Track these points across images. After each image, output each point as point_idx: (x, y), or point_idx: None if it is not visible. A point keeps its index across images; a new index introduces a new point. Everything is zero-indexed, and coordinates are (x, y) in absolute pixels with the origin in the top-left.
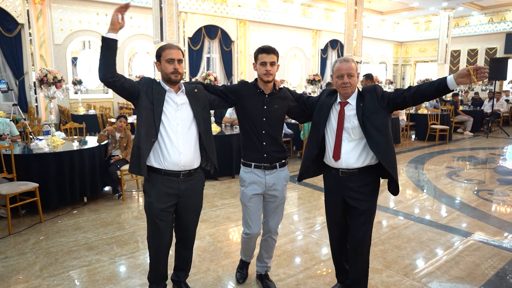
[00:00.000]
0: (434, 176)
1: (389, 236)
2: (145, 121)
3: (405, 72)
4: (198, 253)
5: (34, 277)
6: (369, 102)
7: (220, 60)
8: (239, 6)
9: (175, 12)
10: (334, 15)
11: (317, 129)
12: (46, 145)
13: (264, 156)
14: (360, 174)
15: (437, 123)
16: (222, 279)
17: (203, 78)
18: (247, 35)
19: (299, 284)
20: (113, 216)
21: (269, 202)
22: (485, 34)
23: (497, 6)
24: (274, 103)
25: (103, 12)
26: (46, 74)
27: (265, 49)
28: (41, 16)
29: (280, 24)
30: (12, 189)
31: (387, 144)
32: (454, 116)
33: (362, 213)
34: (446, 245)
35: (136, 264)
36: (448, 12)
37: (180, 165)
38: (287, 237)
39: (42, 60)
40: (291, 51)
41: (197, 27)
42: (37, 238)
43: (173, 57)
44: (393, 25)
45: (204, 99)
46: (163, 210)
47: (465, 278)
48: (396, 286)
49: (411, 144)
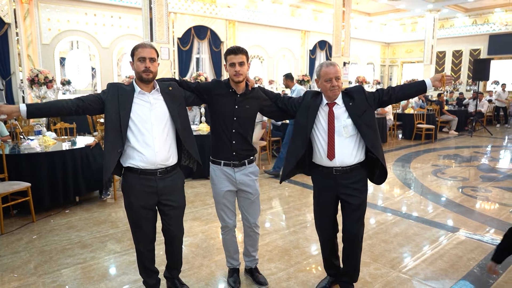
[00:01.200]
0: (420, 174)
1: (376, 231)
2: (111, 129)
3: (392, 72)
4: (192, 249)
5: (29, 274)
6: (359, 101)
7: (210, 61)
8: (228, 7)
9: (164, 12)
10: (323, 16)
11: (304, 130)
12: (37, 145)
13: (233, 154)
14: (352, 171)
15: (423, 123)
16: (215, 274)
17: (193, 78)
18: (236, 36)
19: (290, 278)
20: (105, 215)
21: (244, 199)
22: (469, 36)
23: (480, 9)
24: (246, 103)
25: (92, 12)
26: (37, 74)
27: (233, 50)
28: (28, 15)
29: (269, 25)
30: (4, 188)
31: (377, 138)
32: (440, 116)
33: (357, 208)
34: (431, 239)
35: (130, 261)
36: (433, 14)
37: (156, 163)
38: (278, 233)
39: (30, 60)
40: (280, 51)
41: (186, 28)
42: (30, 237)
43: (145, 56)
44: (381, 26)
45: (179, 96)
46: (143, 208)
47: (448, 270)
48: (383, 278)
49: (398, 143)
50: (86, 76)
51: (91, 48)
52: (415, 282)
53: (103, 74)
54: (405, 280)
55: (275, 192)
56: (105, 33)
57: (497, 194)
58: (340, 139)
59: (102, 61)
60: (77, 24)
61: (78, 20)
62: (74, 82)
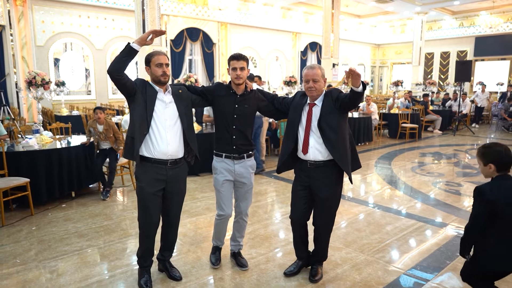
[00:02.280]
0: (400, 170)
1: (352, 221)
2: (139, 116)
3: (382, 73)
4: (180, 237)
5: (30, 260)
6: (327, 104)
7: (202, 62)
8: (220, 10)
9: (157, 15)
10: (313, 18)
11: (293, 127)
12: (36, 143)
13: (233, 148)
14: (325, 166)
15: (408, 122)
16: (201, 258)
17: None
18: (228, 38)
19: (268, 261)
20: (100, 208)
21: (239, 188)
22: (456, 38)
23: (466, 11)
24: (245, 103)
25: (85, 14)
26: (34, 76)
27: (236, 57)
28: (22, 17)
29: (261, 27)
30: (5, 183)
31: (339, 141)
32: (425, 116)
33: (325, 201)
34: (401, 228)
35: (124, 248)
36: (421, 16)
37: (168, 154)
38: (261, 223)
39: (24, 61)
40: (272, 53)
41: (179, 30)
42: (29, 229)
43: (162, 62)
44: (371, 28)
45: (187, 99)
46: (153, 194)
47: (410, 252)
48: (352, 261)
49: (383, 142)
50: (80, 77)
51: (85, 50)
52: (380, 263)
53: (96, 75)
54: (371, 261)
55: (261, 187)
56: (99, 35)
57: (467, 188)
58: (313, 137)
59: (95, 63)
60: (71, 26)
61: (71, 22)
62: (68, 83)
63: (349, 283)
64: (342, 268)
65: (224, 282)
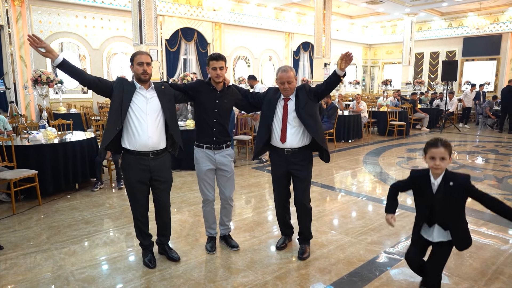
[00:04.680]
0: (385, 165)
1: (338, 209)
2: (113, 112)
3: (374, 73)
4: (179, 223)
5: (43, 243)
6: (302, 97)
7: (197, 61)
8: (214, 10)
9: (153, 15)
10: (306, 18)
11: (267, 119)
12: (42, 137)
13: (213, 139)
14: (299, 152)
15: (396, 120)
16: (199, 240)
17: (181, 78)
18: (222, 38)
19: (261, 243)
20: (103, 199)
21: (221, 176)
22: (445, 38)
23: (455, 13)
24: (224, 98)
25: (82, 14)
26: (40, 74)
27: (215, 57)
28: (20, 17)
29: (254, 27)
30: (15, 174)
31: (317, 125)
32: (413, 114)
33: (303, 180)
34: (383, 215)
35: (128, 233)
36: (411, 17)
37: (149, 146)
38: (255, 211)
39: (22, 61)
40: (265, 52)
41: (174, 30)
42: (39, 216)
43: (143, 61)
44: (362, 29)
45: (169, 94)
46: (138, 181)
47: (391, 236)
48: (337, 242)
49: (372, 139)
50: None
51: (82, 50)
52: (362, 244)
53: (93, 74)
54: (355, 243)
55: (255, 180)
56: (95, 35)
57: None
58: (290, 127)
59: (92, 62)
60: (68, 26)
61: (68, 22)
62: (66, 82)
63: (333, 260)
64: (327, 248)
65: (221, 260)
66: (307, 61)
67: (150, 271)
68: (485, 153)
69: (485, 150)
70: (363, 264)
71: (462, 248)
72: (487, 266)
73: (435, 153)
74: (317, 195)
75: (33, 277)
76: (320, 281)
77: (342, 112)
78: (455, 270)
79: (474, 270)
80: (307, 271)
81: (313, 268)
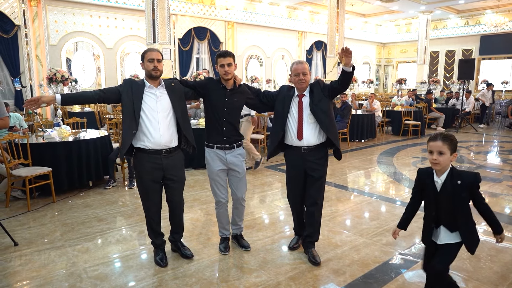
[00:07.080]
0: (400, 165)
1: (352, 209)
2: (127, 115)
3: (387, 72)
4: (192, 222)
5: (57, 240)
6: (317, 93)
7: (209, 60)
8: (227, 9)
9: (166, 15)
10: (319, 17)
11: (281, 117)
12: (57, 135)
13: (224, 139)
14: (316, 149)
15: (410, 119)
16: (211, 239)
17: (194, 77)
18: (235, 37)
19: (274, 242)
20: (116, 197)
21: (233, 176)
22: (462, 36)
23: (472, 10)
24: (234, 96)
25: (96, 14)
26: (55, 73)
27: (222, 54)
28: (36, 17)
29: (267, 26)
30: (30, 172)
31: (331, 123)
32: (428, 113)
33: (318, 179)
34: (398, 215)
35: (140, 231)
36: (426, 15)
37: (161, 144)
38: (267, 211)
39: (38, 60)
40: (278, 51)
41: (186, 29)
42: (53, 214)
43: (153, 57)
44: (376, 27)
45: (180, 91)
46: (150, 180)
47: (407, 237)
48: (352, 243)
49: (386, 138)
50: (91, 75)
51: (96, 49)
52: (377, 245)
53: (107, 73)
54: (369, 244)
55: (266, 179)
56: (109, 34)
57: None
58: (306, 123)
59: (106, 61)
60: (83, 26)
61: (83, 22)
62: (80, 81)
63: (347, 261)
64: (341, 249)
65: (234, 259)
66: (320, 60)
67: (162, 270)
68: (504, 153)
69: (503, 150)
70: (378, 266)
71: (474, 250)
72: (508, 270)
73: (432, 147)
74: (330, 195)
75: (47, 274)
76: (334, 282)
77: (355, 111)
78: (474, 273)
79: (495, 274)
80: (321, 272)
81: (326, 269)
